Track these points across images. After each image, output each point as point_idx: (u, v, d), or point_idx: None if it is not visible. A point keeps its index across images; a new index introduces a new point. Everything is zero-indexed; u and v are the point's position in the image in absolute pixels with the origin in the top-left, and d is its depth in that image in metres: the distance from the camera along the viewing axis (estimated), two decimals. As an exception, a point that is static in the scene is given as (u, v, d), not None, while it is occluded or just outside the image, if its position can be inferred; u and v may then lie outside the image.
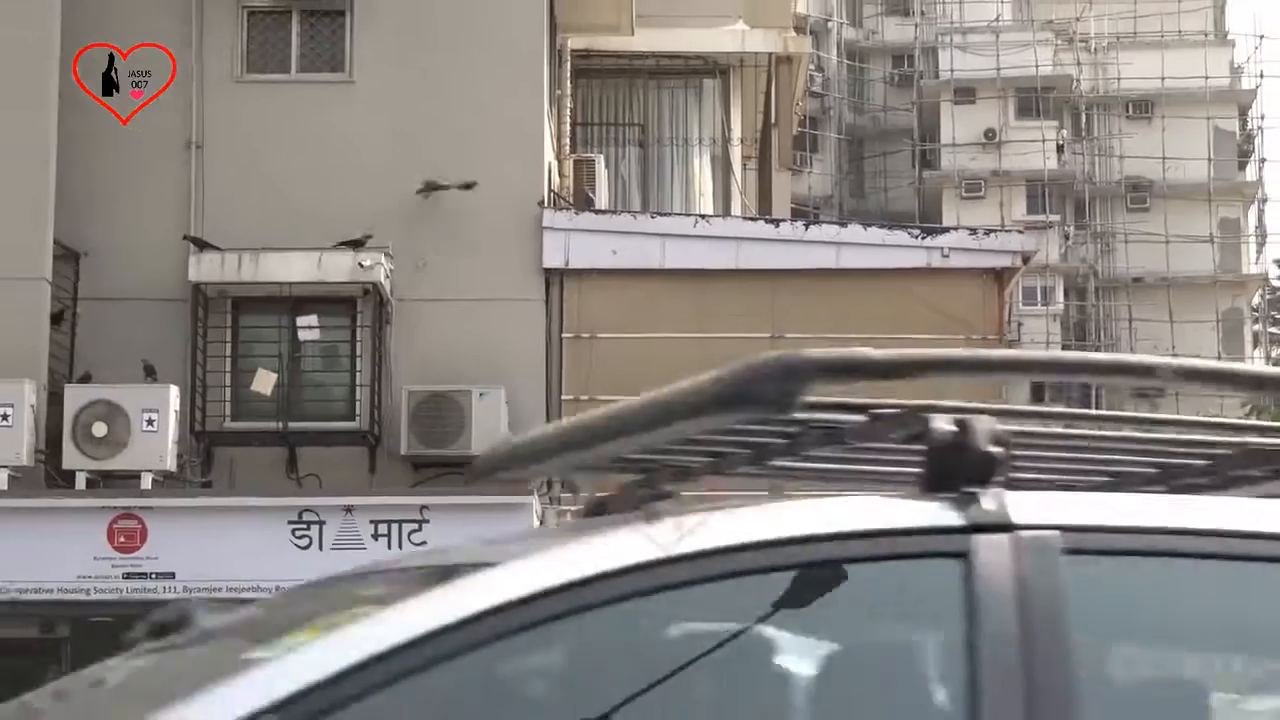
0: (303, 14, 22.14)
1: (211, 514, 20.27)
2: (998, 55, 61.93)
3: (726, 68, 25.52)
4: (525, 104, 22.13)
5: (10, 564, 19.60)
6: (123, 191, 21.63)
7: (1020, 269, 23.68)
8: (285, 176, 21.64)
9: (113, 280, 21.48)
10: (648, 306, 21.92)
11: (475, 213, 21.69)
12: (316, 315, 21.74)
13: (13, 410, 19.95)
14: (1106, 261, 62.34)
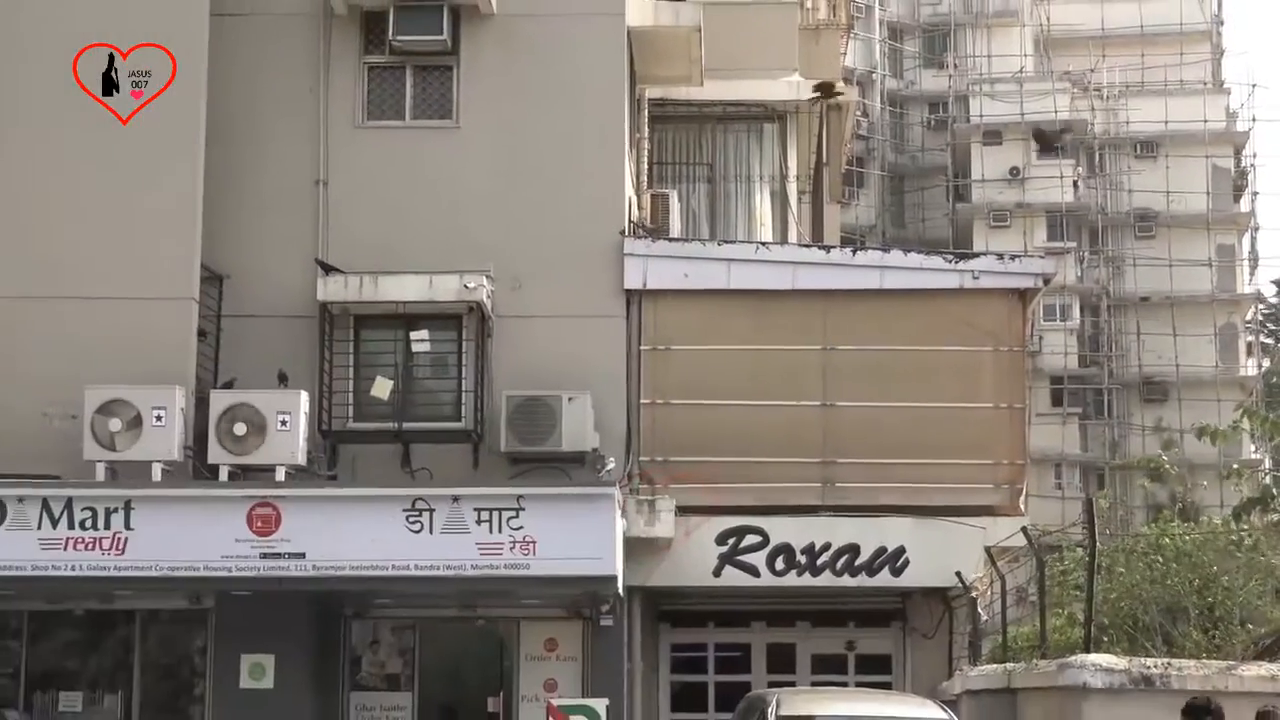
0: (415, 68, 22.03)
1: (337, 502, 20.13)
2: (1021, 102, 61.80)
3: (784, 114, 25.36)
4: (608, 146, 21.99)
5: (164, 545, 19.57)
6: (260, 223, 21.58)
7: (1041, 289, 23.39)
8: (400, 209, 21.56)
9: (251, 300, 21.44)
10: (715, 322, 21.74)
11: (565, 240, 21.57)
12: (427, 330, 21.61)
13: (165, 412, 19.90)
14: (1117, 282, 62.06)
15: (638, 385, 21.58)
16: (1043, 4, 67.55)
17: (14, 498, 19.63)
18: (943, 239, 58.16)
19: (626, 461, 21.15)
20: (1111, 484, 55.38)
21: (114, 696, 21.27)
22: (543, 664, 21.54)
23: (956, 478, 21.43)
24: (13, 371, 20.34)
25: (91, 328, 20.42)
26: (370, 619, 21.87)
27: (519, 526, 19.58)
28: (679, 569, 21.22)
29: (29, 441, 20.13)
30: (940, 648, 21.80)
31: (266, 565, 19.64)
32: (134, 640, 21.40)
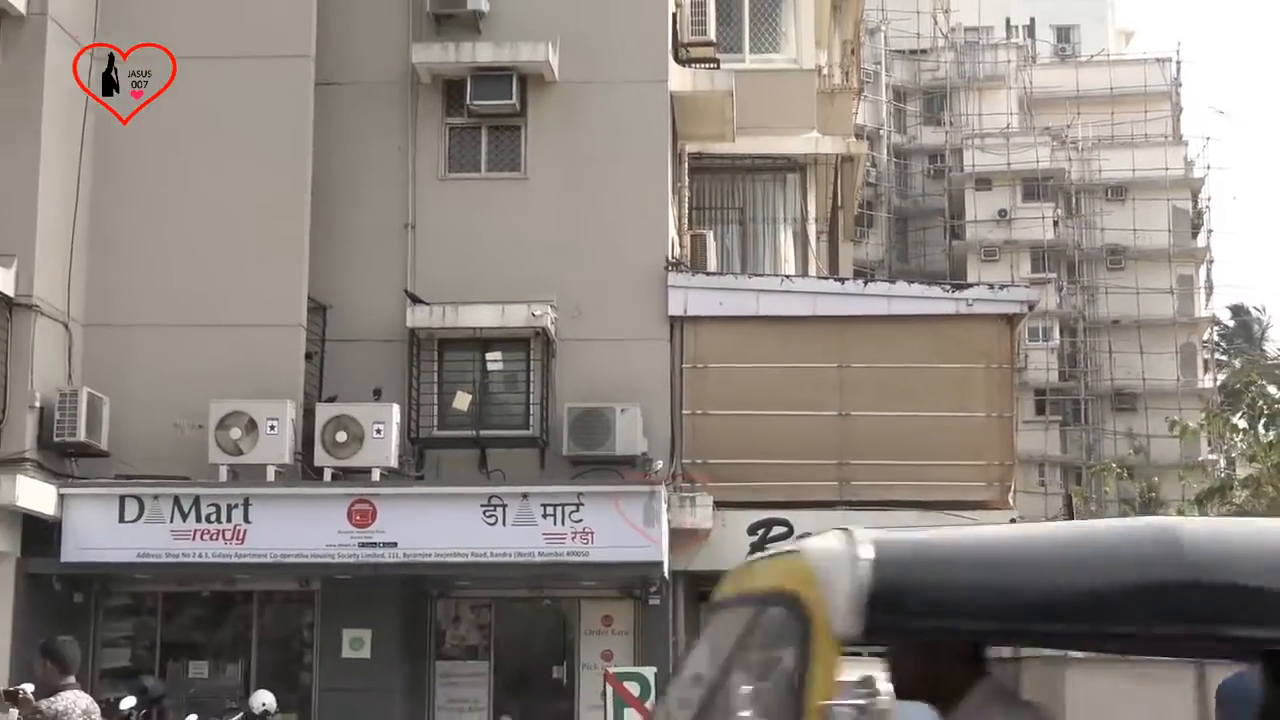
0: (489, 128, 22.08)
1: (424, 499, 20.23)
2: (1008, 153, 61.74)
3: (804, 165, 25.33)
4: (653, 193, 21.99)
5: (277, 536, 19.76)
6: (357, 260, 21.63)
7: (1026, 314, 23.37)
8: (476, 248, 21.57)
9: (350, 326, 21.51)
10: (746, 344, 21.71)
11: (617, 274, 21.56)
12: (500, 351, 21.74)
13: (277, 423, 20.02)
14: (1091, 308, 61.97)
15: (680, 398, 21.54)
16: (1026, 69, 67.60)
17: (150, 496, 19.80)
18: (941, 271, 58.04)
19: (670, 463, 21.13)
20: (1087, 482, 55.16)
21: (235, 666, 21.36)
22: (600, 637, 21.55)
23: (954, 477, 21.37)
24: (148, 389, 20.46)
25: (215, 351, 20.52)
26: (452, 598, 21.92)
27: (579, 519, 19.69)
28: (716, 555, 21.17)
29: (162, 448, 20.28)
30: (941, 622, 21.74)
31: (364, 553, 19.77)
32: (252, 618, 21.50)
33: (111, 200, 20.89)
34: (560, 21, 21.93)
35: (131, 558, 19.91)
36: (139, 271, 20.84)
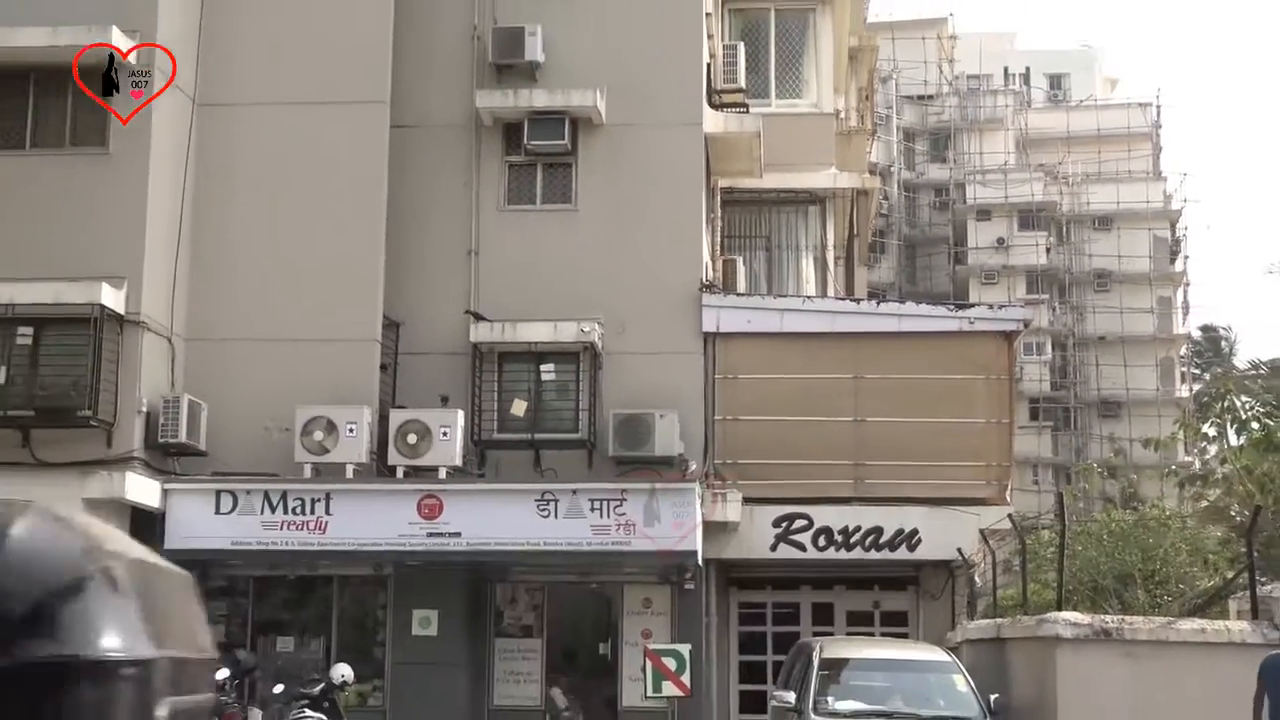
0: (544, 165, 22.09)
1: (485, 494, 20.21)
2: (1006, 187, 61.60)
3: (823, 198, 25.29)
4: (689, 223, 21.97)
5: (354, 526, 19.78)
6: (426, 283, 21.67)
7: (1022, 331, 23.31)
8: (532, 272, 21.58)
9: (420, 341, 21.54)
10: (771, 357, 21.68)
11: (657, 295, 21.54)
12: (553, 363, 21.66)
13: (355, 426, 20.09)
14: (1080, 325, 61.73)
15: (712, 405, 21.52)
16: (1021, 113, 67.41)
17: (243, 490, 19.88)
18: (945, 293, 57.82)
19: (704, 463, 21.11)
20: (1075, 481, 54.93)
21: (317, 641, 21.39)
22: (640, 617, 21.52)
23: (957, 476, 21.30)
24: (241, 396, 20.55)
25: (300, 362, 20.60)
26: (509, 583, 21.92)
27: (623, 513, 19.67)
28: (744, 545, 21.18)
29: (254, 448, 20.37)
30: (945, 606, 21.64)
31: (431, 542, 19.78)
32: (332, 599, 21.52)
33: (209, 230, 21.00)
34: (607, 71, 21.97)
35: (226, 545, 19.97)
36: (233, 292, 20.95)
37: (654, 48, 22.12)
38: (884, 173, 54.15)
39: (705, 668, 20.60)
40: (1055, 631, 14.47)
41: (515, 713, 21.44)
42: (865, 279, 33.70)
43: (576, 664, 21.86)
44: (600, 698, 21.56)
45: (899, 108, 63.24)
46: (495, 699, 21.50)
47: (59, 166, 20.20)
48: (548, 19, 22.12)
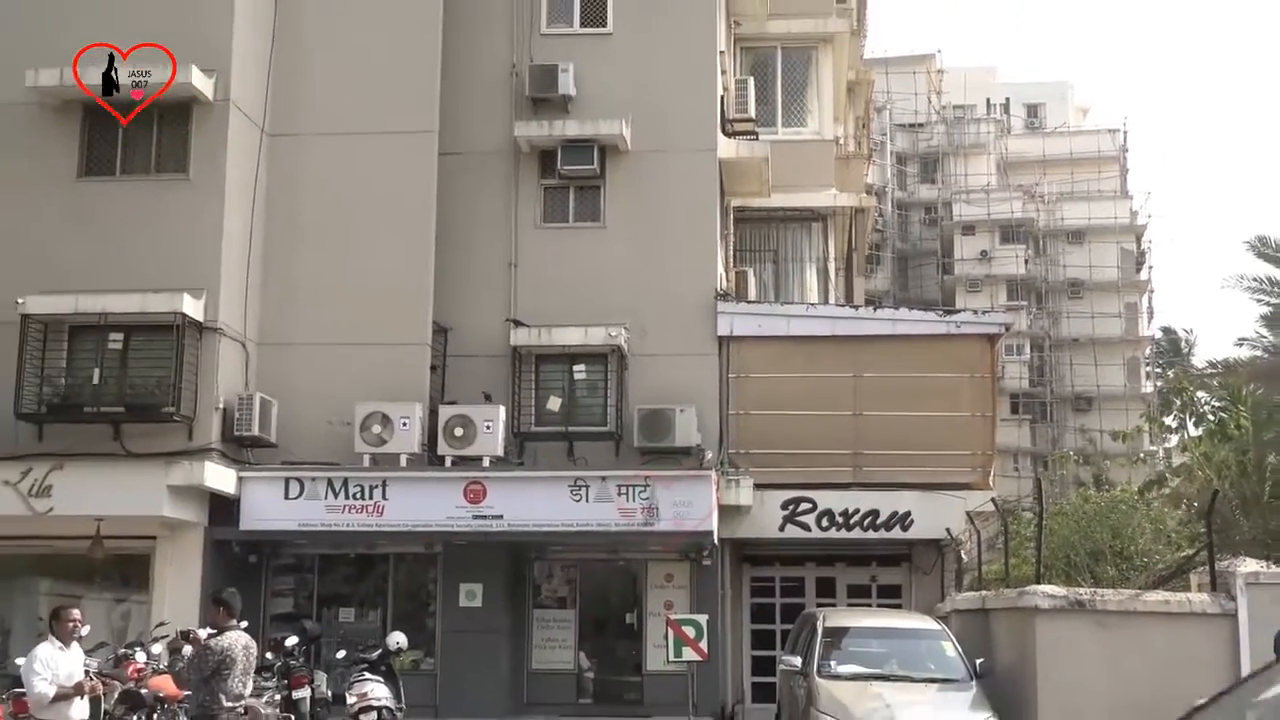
0: (575, 188, 22.06)
1: (523, 481, 20.19)
2: (988, 205, 61.46)
3: (825, 215, 25.26)
4: (705, 238, 21.94)
5: (408, 509, 19.87)
6: (471, 293, 21.65)
7: (1003, 334, 23.22)
8: (565, 283, 21.57)
9: (465, 345, 21.54)
10: (779, 358, 21.61)
11: (676, 303, 21.52)
12: (584, 364, 21.65)
13: (408, 420, 20.13)
14: (1055, 329, 61.45)
15: (726, 401, 21.49)
16: (1002, 139, 67.24)
17: (309, 478, 19.94)
18: (935, 300, 57.61)
19: (719, 452, 21.08)
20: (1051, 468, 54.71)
21: (375, 612, 21.43)
22: (663, 590, 21.51)
23: (946, 464, 21.25)
24: (307, 394, 20.58)
25: (360, 364, 20.61)
26: (546, 559, 21.94)
27: (647, 497, 19.70)
28: (755, 526, 21.15)
29: (318, 441, 20.42)
30: (935, 581, 21.59)
31: (476, 524, 19.83)
32: (388, 574, 21.56)
33: (278, 246, 21.04)
34: (631, 103, 21.96)
35: (294, 527, 20.04)
36: (299, 302, 20.99)
37: (673, 82, 22.11)
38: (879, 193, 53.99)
39: (721, 635, 20.60)
40: (1034, 603, 14.41)
41: (551, 675, 21.46)
42: (863, 288, 33.61)
43: (605, 632, 21.86)
44: (627, 662, 21.57)
45: (892, 135, 62.99)
46: (533, 663, 21.52)
47: (145, 191, 20.27)
48: (578, 57, 22.13)
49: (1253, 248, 28.71)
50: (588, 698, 21.38)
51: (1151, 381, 60.46)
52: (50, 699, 10.60)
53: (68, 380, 19.70)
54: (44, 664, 10.71)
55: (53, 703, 10.62)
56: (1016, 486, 43.34)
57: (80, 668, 10.91)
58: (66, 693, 10.67)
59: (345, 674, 18.58)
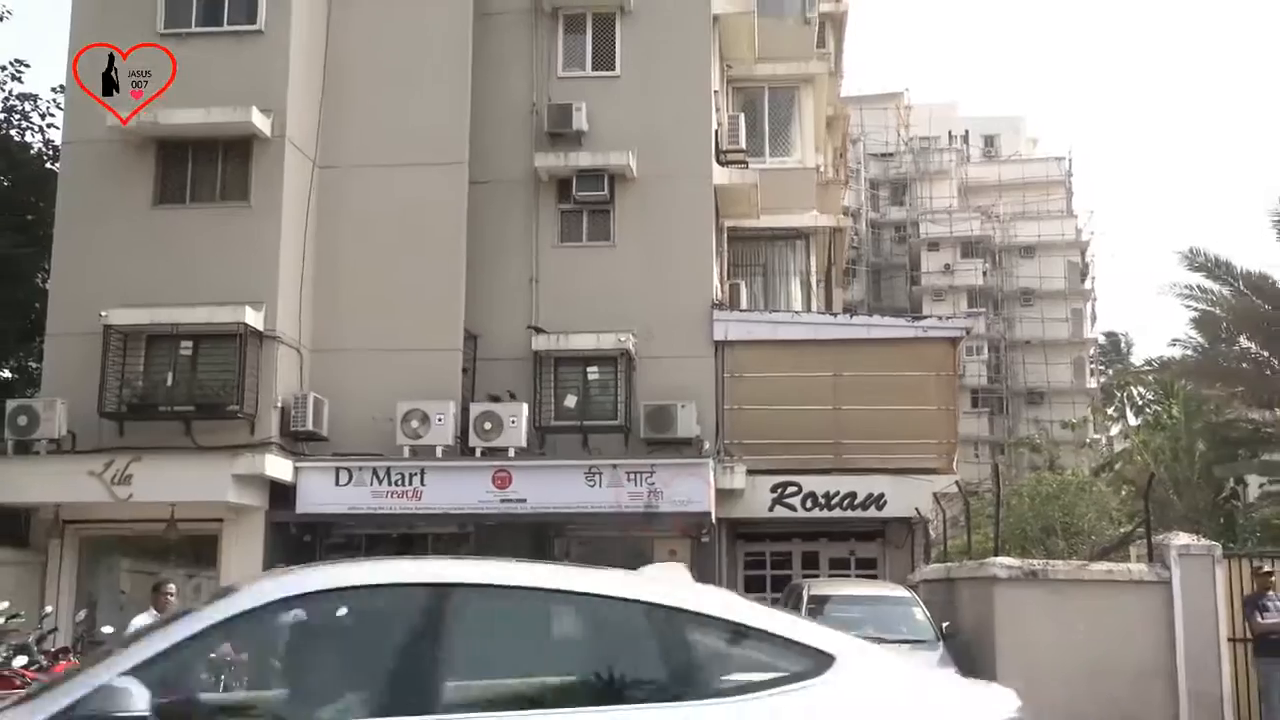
0: (589, 211, 22.02)
1: (544, 469, 20.17)
2: (951, 224, 61.40)
3: (807, 234, 25.23)
4: (702, 255, 21.90)
5: (442, 495, 19.91)
6: (498, 303, 21.61)
7: (964, 337, 23.20)
8: (580, 294, 21.52)
9: (493, 349, 21.50)
10: (768, 360, 21.55)
11: (678, 312, 21.48)
12: (596, 366, 21.60)
13: (443, 416, 20.11)
14: (1010, 332, 61.35)
15: (722, 397, 21.45)
16: (962, 166, 67.22)
17: (356, 467, 19.96)
18: (904, 308, 57.45)
19: (715, 443, 21.07)
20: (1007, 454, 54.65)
21: (415, 585, 21.38)
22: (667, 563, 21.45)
23: (915, 451, 21.22)
24: (354, 393, 20.56)
25: (400, 367, 20.59)
26: (565, 538, 21.87)
27: (652, 482, 19.68)
28: (748, 507, 21.13)
29: (364, 435, 20.42)
30: (906, 554, 21.56)
31: (504, 506, 19.83)
32: (426, 551, 21.36)
33: (328, 264, 21.05)
34: (637, 137, 21.95)
35: (344, 510, 20.05)
36: (347, 313, 21.00)
37: (673, 118, 22.09)
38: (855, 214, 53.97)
39: (718, 603, 20.55)
40: (993, 573, 14.40)
41: (570, 639, 21.41)
42: (841, 297, 33.59)
43: (617, 601, 21.82)
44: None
45: (866, 163, 62.94)
46: (554, 628, 21.48)
47: (212, 217, 20.30)
48: (590, 98, 22.13)
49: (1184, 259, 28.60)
50: (602, 659, 21.35)
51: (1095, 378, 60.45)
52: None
53: (145, 383, 19.73)
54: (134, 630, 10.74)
55: None
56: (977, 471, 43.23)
57: None
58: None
59: (389, 639, 18.58)
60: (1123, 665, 14.09)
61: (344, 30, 21.74)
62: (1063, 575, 14.60)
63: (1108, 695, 13.93)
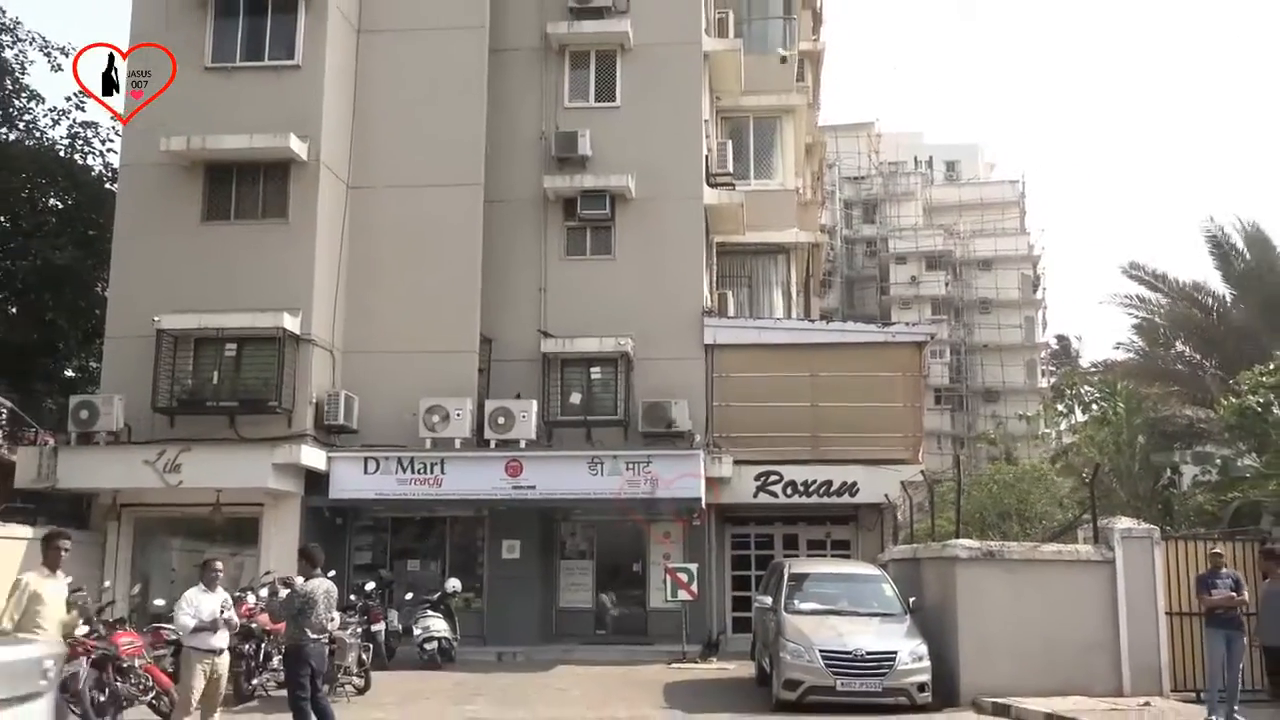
0: (592, 228, 21.92)
1: (552, 459, 20.09)
2: (916, 241, 61.48)
3: (788, 249, 25.14)
4: (694, 268, 21.81)
5: (460, 482, 19.92)
6: (510, 310, 21.56)
7: (929, 341, 23.07)
8: (584, 302, 21.45)
9: (505, 352, 21.45)
10: (753, 361, 21.46)
11: (672, 318, 21.43)
12: (599, 367, 21.53)
13: (461, 411, 20.07)
14: (969, 337, 61.35)
15: (711, 395, 21.36)
16: (927, 188, 67.21)
17: (383, 457, 19.94)
18: (874, 315, 57.46)
19: (705, 436, 21.02)
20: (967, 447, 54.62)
21: (435, 563, 21.38)
22: (662, 544, 21.46)
23: (885, 443, 21.15)
24: (381, 391, 20.52)
25: (423, 367, 20.55)
26: (571, 521, 21.89)
27: (649, 471, 19.61)
28: (734, 494, 21.08)
29: (390, 427, 20.39)
30: (877, 536, 21.49)
31: (515, 493, 19.79)
32: (446, 533, 21.52)
33: (358, 275, 21.02)
34: (635, 161, 21.93)
35: (372, 496, 20.00)
36: (375, 318, 20.96)
37: (668, 144, 22.06)
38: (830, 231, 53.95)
39: (708, 580, 20.56)
40: (955, 553, 14.36)
41: (574, 611, 21.43)
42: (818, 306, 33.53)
43: (617, 577, 21.79)
44: (634, 601, 21.53)
45: (840, 185, 62.93)
46: (561, 602, 21.49)
47: (253, 232, 20.27)
48: (594, 126, 22.10)
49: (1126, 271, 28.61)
50: (603, 629, 21.34)
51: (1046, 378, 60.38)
52: (190, 629, 10.62)
53: (193, 381, 19.72)
54: (188, 603, 10.75)
55: (194, 633, 10.63)
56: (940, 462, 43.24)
57: (218, 607, 10.86)
58: (204, 626, 10.66)
59: (412, 611, 18.59)
60: (1071, 636, 14.06)
61: (372, 66, 21.72)
62: (1017, 556, 14.56)
63: (1057, 663, 13.90)
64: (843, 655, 13.25)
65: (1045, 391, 56.56)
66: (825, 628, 13.79)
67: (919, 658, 13.43)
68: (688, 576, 19.19)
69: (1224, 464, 20.61)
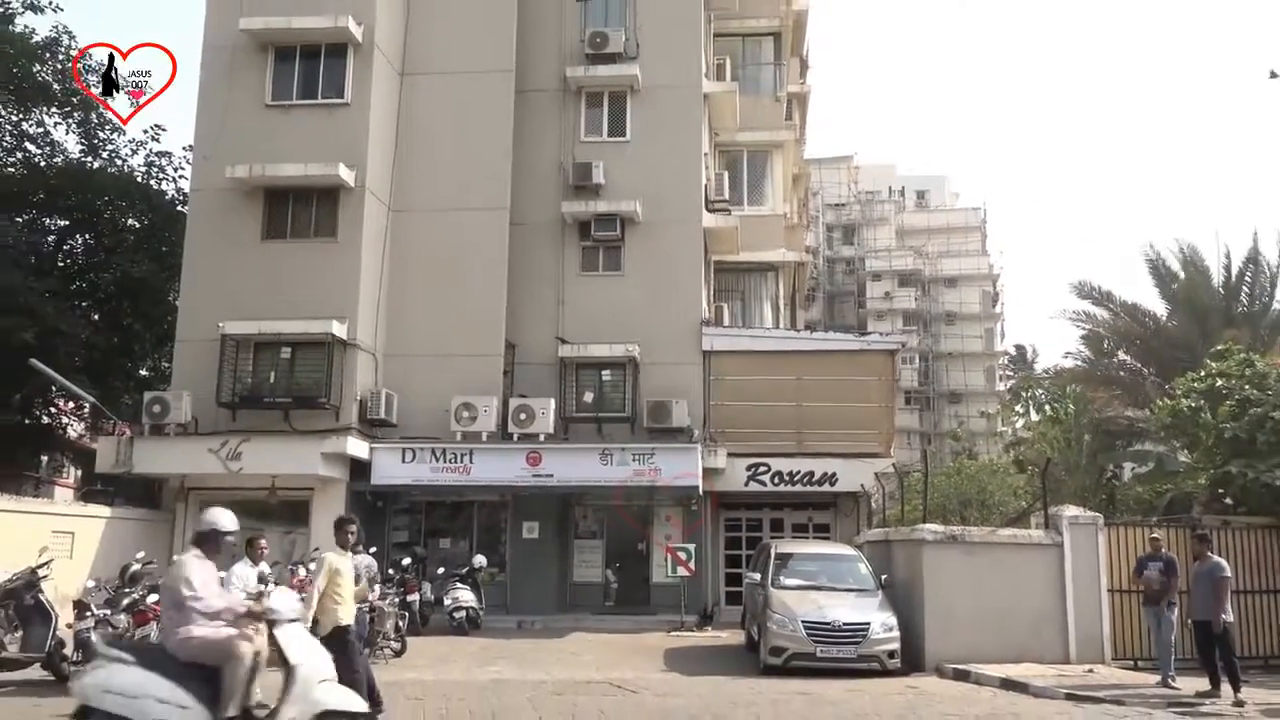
0: (604, 248, 21.92)
1: (568, 451, 20.00)
2: (890, 260, 61.49)
3: (777, 267, 25.13)
4: (694, 284, 21.79)
5: (487, 471, 19.86)
6: (532, 319, 21.55)
7: (901, 349, 23.08)
8: (596, 313, 21.44)
9: (527, 356, 21.46)
10: (745, 366, 21.43)
11: (674, 328, 21.41)
12: (609, 370, 21.51)
13: (488, 409, 20.07)
14: (936, 345, 61.27)
15: (708, 396, 21.35)
16: (900, 214, 67.15)
17: (418, 448, 19.92)
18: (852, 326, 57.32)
19: (703, 431, 21.00)
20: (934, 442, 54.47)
21: (464, 542, 21.34)
22: (664, 526, 21.43)
23: (861, 439, 21.12)
24: (418, 389, 20.53)
25: (454, 369, 20.56)
26: (584, 505, 21.84)
27: (653, 462, 19.57)
28: (728, 482, 21.05)
29: (425, 422, 20.37)
30: (853, 520, 21.46)
31: (535, 481, 19.76)
32: (474, 516, 21.49)
33: (399, 287, 21.05)
34: (643, 189, 21.92)
35: (409, 482, 20.00)
36: (413, 325, 20.96)
37: (672, 174, 22.06)
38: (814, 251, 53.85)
39: (704, 558, 20.53)
40: (922, 536, 14.34)
41: (586, 585, 21.39)
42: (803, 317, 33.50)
43: (624, 555, 21.75)
44: (639, 576, 21.50)
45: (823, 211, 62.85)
46: (574, 577, 21.45)
47: (307, 249, 20.30)
48: (607, 158, 22.11)
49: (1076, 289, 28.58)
50: (611, 600, 21.31)
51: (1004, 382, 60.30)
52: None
53: (253, 380, 19.75)
54: (234, 574, 10.71)
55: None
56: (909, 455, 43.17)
57: (254, 578, 10.80)
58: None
59: (443, 584, 18.58)
60: (1024, 610, 14.04)
61: (412, 103, 21.75)
62: (977, 539, 14.54)
63: (1011, 634, 13.88)
64: (822, 625, 13.25)
65: (1003, 394, 56.46)
66: (807, 601, 13.78)
67: (889, 628, 13.42)
68: (686, 555, 19.17)
69: (1160, 459, 20.57)
